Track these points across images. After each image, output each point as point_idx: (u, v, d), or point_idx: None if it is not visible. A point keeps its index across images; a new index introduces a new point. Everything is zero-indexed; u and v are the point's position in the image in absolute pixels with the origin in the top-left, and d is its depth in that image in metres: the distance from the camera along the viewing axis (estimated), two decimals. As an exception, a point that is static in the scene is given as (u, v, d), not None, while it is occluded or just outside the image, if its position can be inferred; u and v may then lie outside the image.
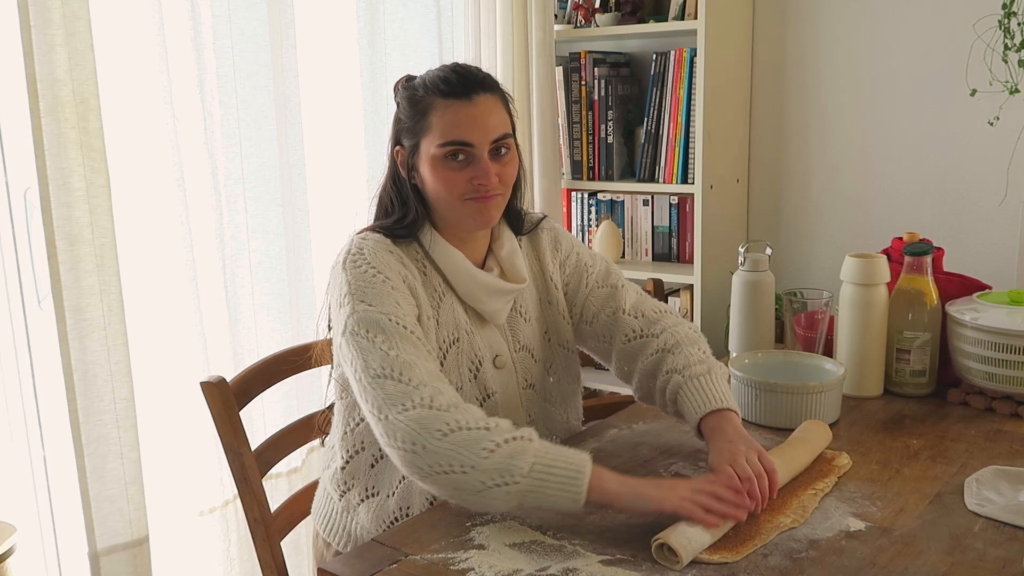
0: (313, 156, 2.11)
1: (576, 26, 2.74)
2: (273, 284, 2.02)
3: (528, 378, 1.41)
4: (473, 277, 1.31)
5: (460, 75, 1.27)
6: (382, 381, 1.13)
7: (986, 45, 2.20)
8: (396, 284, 1.23)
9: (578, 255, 1.47)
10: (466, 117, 1.25)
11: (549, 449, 1.09)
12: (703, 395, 1.26)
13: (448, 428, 1.08)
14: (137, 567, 1.67)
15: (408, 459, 1.10)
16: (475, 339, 1.33)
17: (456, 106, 1.25)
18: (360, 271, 1.22)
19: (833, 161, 2.58)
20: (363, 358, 1.16)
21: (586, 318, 1.44)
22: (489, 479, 1.06)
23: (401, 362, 1.14)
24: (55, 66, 1.49)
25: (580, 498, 1.07)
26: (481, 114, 1.25)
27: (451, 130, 1.24)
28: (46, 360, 1.79)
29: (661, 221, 2.71)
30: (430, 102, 1.26)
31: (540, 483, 1.06)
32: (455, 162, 1.25)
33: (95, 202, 1.57)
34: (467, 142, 1.25)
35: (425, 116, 1.27)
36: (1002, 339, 1.44)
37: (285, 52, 1.98)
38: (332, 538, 1.37)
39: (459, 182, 1.25)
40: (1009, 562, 1.02)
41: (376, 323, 1.17)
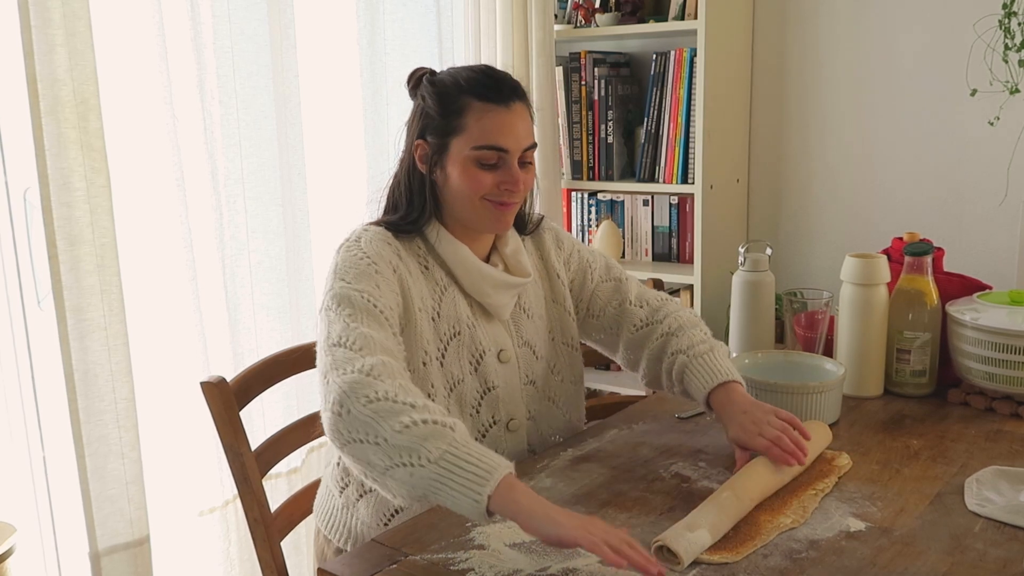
0: (313, 156, 2.11)
1: (576, 26, 2.74)
2: (273, 284, 2.02)
3: (529, 374, 1.41)
4: (479, 270, 1.33)
5: (497, 80, 1.29)
6: (335, 348, 1.12)
7: (986, 45, 2.20)
8: (382, 270, 1.24)
9: (579, 252, 1.50)
10: (503, 123, 1.27)
11: (469, 444, 1.01)
12: (708, 371, 1.32)
13: (375, 396, 1.04)
14: (137, 567, 1.67)
15: (332, 421, 1.06)
16: (477, 332, 1.34)
17: (494, 111, 1.27)
18: (351, 254, 1.25)
19: (833, 161, 2.58)
20: (327, 329, 1.16)
21: (593, 312, 1.48)
22: (397, 456, 1.00)
23: (359, 333, 1.13)
24: (55, 66, 1.49)
25: (481, 501, 0.97)
26: (516, 122, 1.28)
27: (488, 135, 1.26)
28: (46, 360, 1.79)
29: (661, 221, 2.71)
30: (466, 103, 1.27)
31: (445, 474, 0.98)
32: (488, 165, 1.27)
33: (95, 202, 1.57)
34: (503, 148, 1.27)
35: (460, 116, 1.27)
36: (1002, 339, 1.44)
37: (285, 52, 1.98)
38: (333, 535, 1.37)
39: (486, 183, 1.27)
40: (1009, 562, 1.02)
41: (348, 298, 1.19)
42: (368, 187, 2.24)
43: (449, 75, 1.32)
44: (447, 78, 1.31)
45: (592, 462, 1.33)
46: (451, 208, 1.32)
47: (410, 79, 1.36)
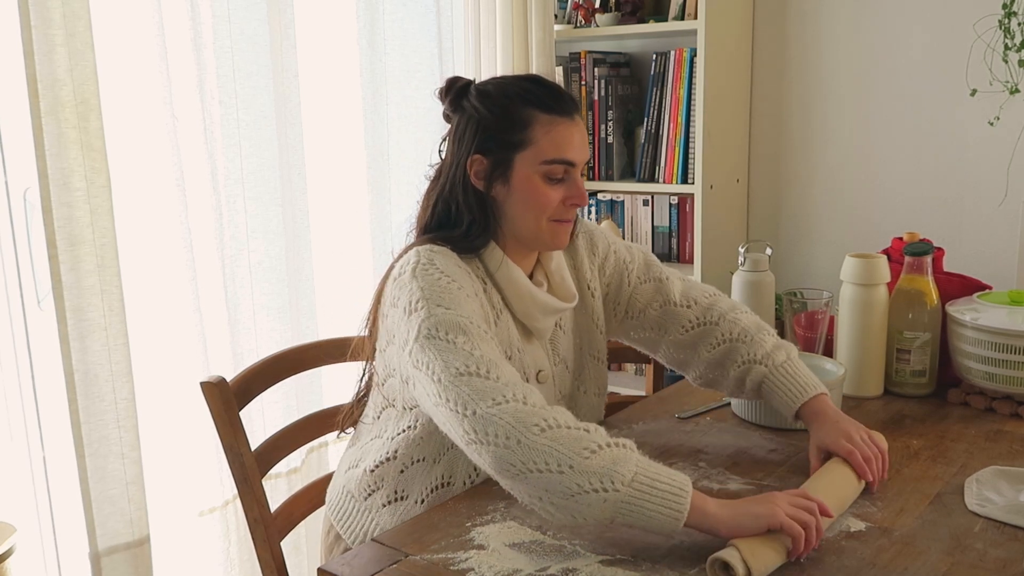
0: (313, 156, 2.11)
1: (576, 26, 2.74)
2: (273, 284, 2.02)
3: (563, 390, 1.40)
4: (532, 296, 1.29)
5: (558, 91, 1.27)
6: (467, 378, 1.07)
7: (986, 45, 2.20)
8: (469, 293, 1.19)
9: (615, 253, 1.45)
10: (571, 136, 1.24)
11: (651, 463, 1.04)
12: (795, 384, 1.31)
13: (547, 424, 1.03)
14: (138, 567, 1.68)
15: (500, 454, 1.02)
16: (524, 356, 1.31)
17: (562, 124, 1.24)
18: (433, 279, 1.17)
19: (833, 161, 2.58)
20: (443, 359, 1.09)
21: (632, 313, 1.44)
22: (587, 482, 0.99)
23: (488, 360, 1.09)
24: (55, 66, 1.49)
25: (681, 517, 1.00)
26: (581, 134, 1.27)
27: (559, 148, 1.23)
28: (46, 360, 1.79)
29: (661, 221, 2.71)
30: (530, 115, 1.23)
31: (640, 495, 1.00)
32: (555, 180, 1.25)
33: (95, 202, 1.57)
34: (572, 161, 1.25)
35: (525, 129, 1.23)
36: (1002, 339, 1.44)
37: (285, 52, 1.98)
38: (347, 533, 1.36)
39: (554, 200, 1.25)
40: (1009, 562, 1.02)
41: (456, 324, 1.12)
42: (368, 187, 2.24)
43: (498, 85, 1.27)
44: (498, 89, 1.26)
45: (592, 462, 1.33)
46: (511, 225, 1.27)
47: (448, 91, 1.29)
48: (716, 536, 1.02)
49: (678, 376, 1.52)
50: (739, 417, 1.49)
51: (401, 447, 1.28)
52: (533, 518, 1.15)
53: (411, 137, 2.35)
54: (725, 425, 1.46)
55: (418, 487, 1.29)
